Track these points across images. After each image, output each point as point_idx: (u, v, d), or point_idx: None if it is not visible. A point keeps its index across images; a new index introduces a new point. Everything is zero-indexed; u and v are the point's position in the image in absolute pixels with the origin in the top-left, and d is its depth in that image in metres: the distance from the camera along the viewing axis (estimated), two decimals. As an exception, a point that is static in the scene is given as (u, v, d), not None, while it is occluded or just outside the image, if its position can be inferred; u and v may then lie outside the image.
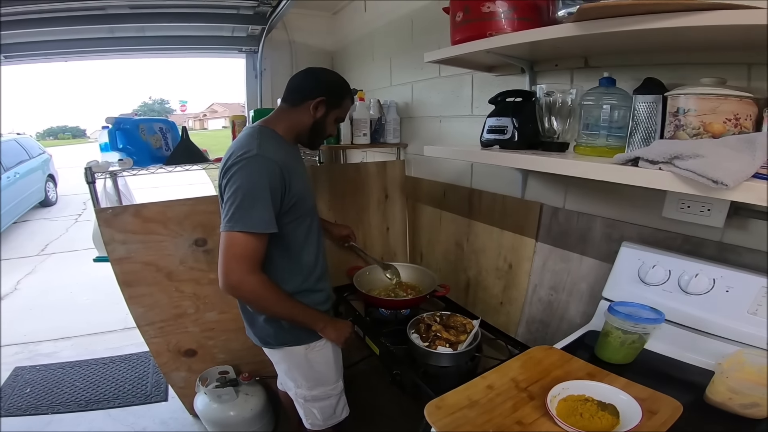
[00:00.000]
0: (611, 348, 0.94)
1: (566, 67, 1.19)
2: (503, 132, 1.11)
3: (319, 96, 1.13)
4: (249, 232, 1.00)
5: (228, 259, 1.01)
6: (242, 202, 1.00)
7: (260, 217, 1.00)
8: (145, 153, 1.57)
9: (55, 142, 29.59)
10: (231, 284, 1.02)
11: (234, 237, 1.00)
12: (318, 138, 1.22)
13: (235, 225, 0.99)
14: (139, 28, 2.04)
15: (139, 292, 1.58)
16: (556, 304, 1.35)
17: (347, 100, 1.22)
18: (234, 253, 1.00)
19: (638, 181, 0.73)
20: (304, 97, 1.14)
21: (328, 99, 1.15)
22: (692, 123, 0.78)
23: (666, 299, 0.97)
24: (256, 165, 1.02)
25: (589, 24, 0.79)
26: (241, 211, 0.99)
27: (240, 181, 1.01)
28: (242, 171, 1.01)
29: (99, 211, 1.45)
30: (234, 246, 1.00)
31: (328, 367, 1.28)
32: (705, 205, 0.94)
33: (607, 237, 1.17)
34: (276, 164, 1.03)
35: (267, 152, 1.04)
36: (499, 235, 1.52)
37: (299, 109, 1.15)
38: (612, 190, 1.13)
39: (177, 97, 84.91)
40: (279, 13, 2.01)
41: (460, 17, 1.12)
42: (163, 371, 1.76)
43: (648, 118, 0.87)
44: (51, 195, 7.07)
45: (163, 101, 42.32)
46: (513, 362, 0.94)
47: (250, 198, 1.00)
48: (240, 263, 1.01)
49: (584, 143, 0.99)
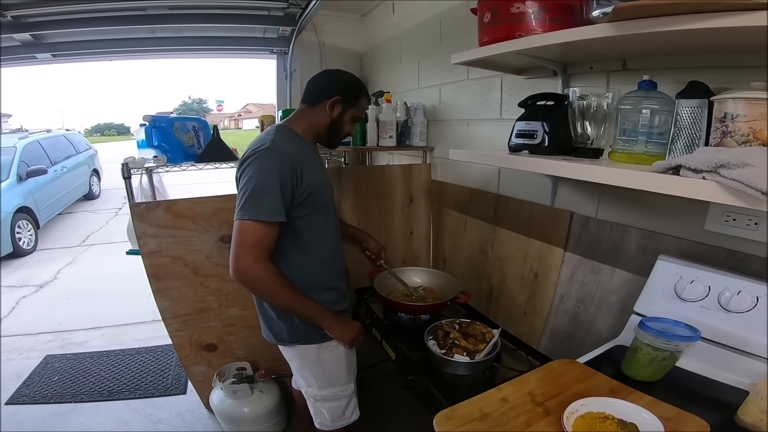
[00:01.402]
0: (639, 364, 0.89)
1: (602, 70, 1.14)
2: (533, 136, 1.07)
3: (334, 95, 1.17)
4: (257, 221, 1.03)
5: (237, 246, 1.04)
6: (252, 192, 1.04)
7: (268, 206, 1.04)
8: (178, 150, 1.63)
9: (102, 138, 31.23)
10: (238, 270, 1.05)
11: (244, 225, 1.04)
12: (336, 137, 1.25)
13: (245, 214, 1.03)
14: (177, 28, 2.13)
15: (166, 285, 1.62)
16: (583, 316, 1.30)
17: (363, 99, 1.25)
18: (243, 240, 1.04)
19: (679, 191, 0.68)
20: (320, 96, 1.18)
21: (343, 98, 1.18)
22: (741, 129, 0.72)
23: (703, 316, 0.91)
24: (267, 157, 1.06)
25: (625, 24, 0.75)
26: (251, 201, 1.03)
27: (251, 172, 1.05)
28: (254, 163, 1.06)
29: (133, 205, 1.50)
30: (244, 234, 1.04)
31: (339, 368, 1.28)
32: (752, 218, 0.87)
33: (642, 249, 1.11)
34: (287, 156, 1.07)
35: (279, 145, 1.08)
36: (525, 244, 1.47)
37: (316, 109, 1.19)
38: (649, 199, 1.07)
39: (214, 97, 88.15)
40: (308, 14, 2.04)
41: (488, 18, 1.09)
42: (184, 364, 1.80)
43: (692, 124, 0.82)
44: (95, 189, 7.44)
45: (201, 101, 43.97)
46: (531, 375, 0.90)
47: (260, 188, 1.04)
48: (248, 250, 1.04)
49: (621, 149, 0.93)
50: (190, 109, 39.53)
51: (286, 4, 2.04)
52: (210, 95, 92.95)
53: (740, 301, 0.86)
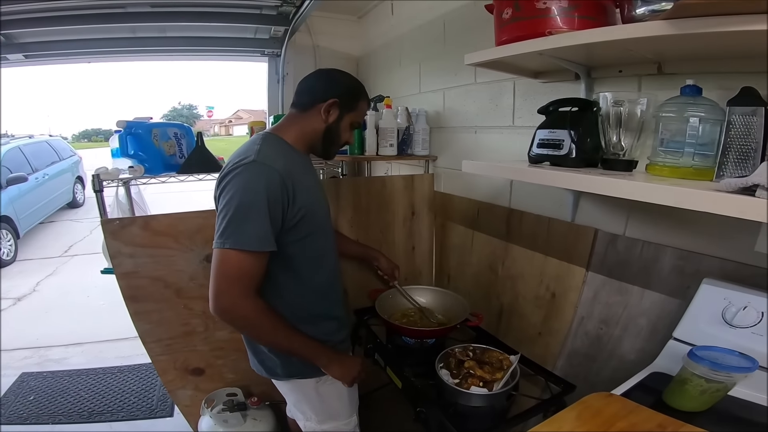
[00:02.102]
0: (688, 396, 0.80)
1: (633, 74, 1.03)
2: (559, 147, 0.95)
3: (331, 98, 1.02)
4: (242, 250, 0.88)
5: (219, 279, 0.89)
6: (235, 215, 0.88)
7: (255, 232, 0.88)
8: (158, 160, 1.48)
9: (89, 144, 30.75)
10: (221, 307, 0.91)
11: (226, 255, 0.89)
12: (332, 146, 1.09)
13: (226, 241, 0.88)
14: (161, 28, 2.00)
15: (145, 308, 1.49)
16: (606, 338, 1.20)
17: (362, 102, 1.10)
18: (225, 273, 0.89)
19: (759, 215, 0.57)
20: (314, 99, 1.03)
21: (341, 101, 1.03)
22: (808, 141, 0.62)
23: (755, 343, 0.82)
24: (252, 173, 0.90)
25: (688, 22, 0.64)
26: (233, 226, 0.88)
27: (234, 191, 0.89)
28: (236, 180, 0.90)
29: (105, 222, 1.36)
30: (226, 265, 0.89)
31: (340, 402, 1.17)
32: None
33: (678, 270, 1.01)
34: (276, 172, 0.91)
35: (266, 159, 0.92)
36: (541, 262, 1.36)
37: (310, 114, 1.04)
38: (687, 217, 0.96)
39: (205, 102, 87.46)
40: (303, 13, 1.93)
41: (508, 14, 0.98)
42: (169, 389, 1.67)
43: (745, 134, 0.73)
44: (79, 197, 7.23)
45: (191, 106, 43.39)
46: (566, 413, 0.79)
47: (244, 210, 0.88)
48: (232, 285, 0.89)
49: (661, 162, 0.83)
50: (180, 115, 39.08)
51: (279, 2, 1.92)
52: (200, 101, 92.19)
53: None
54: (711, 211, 0.63)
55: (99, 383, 2.31)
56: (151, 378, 2.33)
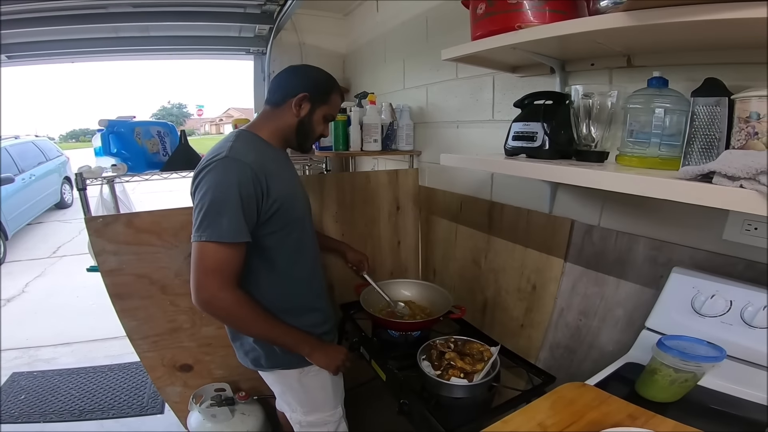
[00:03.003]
0: (658, 386, 0.82)
1: (604, 67, 1.05)
2: (532, 139, 0.97)
3: (301, 92, 1.04)
4: (218, 242, 0.90)
5: (198, 272, 0.92)
6: (209, 209, 0.91)
7: (228, 225, 0.91)
8: (141, 158, 1.48)
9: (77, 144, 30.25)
10: (202, 299, 0.93)
11: (203, 248, 0.91)
12: (306, 139, 1.12)
13: (202, 234, 0.91)
14: (143, 27, 1.98)
15: (131, 305, 1.49)
16: (586, 330, 1.22)
17: (334, 95, 1.12)
18: (205, 266, 0.91)
19: (714, 201, 0.59)
20: (285, 95, 1.06)
21: (311, 94, 1.06)
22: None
23: (724, 332, 0.83)
24: (225, 168, 0.93)
25: (644, 14, 0.66)
26: (209, 219, 0.91)
27: (207, 186, 0.92)
28: (209, 175, 0.93)
29: (89, 220, 1.36)
30: (204, 257, 0.91)
31: (325, 393, 1.19)
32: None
33: (651, 260, 1.03)
34: (248, 166, 0.94)
35: (238, 154, 0.95)
36: (522, 254, 1.38)
37: (282, 109, 1.07)
38: (659, 206, 0.99)
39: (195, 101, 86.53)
40: (287, 11, 1.92)
41: (482, 9, 0.99)
42: (157, 385, 1.67)
43: (710, 125, 0.74)
44: (67, 197, 7.12)
45: (181, 105, 42.84)
46: (540, 402, 0.81)
47: (218, 204, 0.91)
48: (211, 277, 0.91)
49: (630, 152, 0.85)
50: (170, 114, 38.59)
51: (263, 1, 1.91)
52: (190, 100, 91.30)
53: (766, 316, 0.78)
54: (670, 198, 0.65)
55: (89, 382, 2.30)
56: (142, 376, 2.32)
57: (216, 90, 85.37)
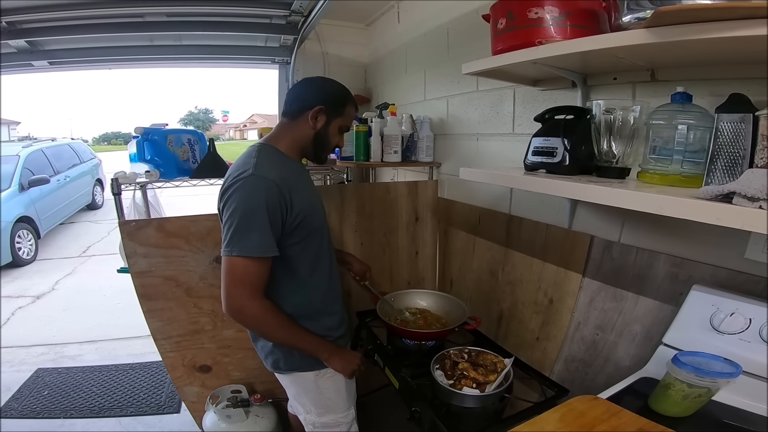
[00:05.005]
0: (671, 401, 0.80)
1: (627, 81, 1.04)
2: (552, 154, 0.97)
3: (316, 105, 1.08)
4: (247, 257, 0.96)
5: (229, 284, 0.98)
6: (239, 226, 0.96)
7: (258, 240, 0.96)
8: (172, 165, 1.55)
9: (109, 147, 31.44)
10: (232, 308, 0.99)
11: (234, 262, 0.97)
12: (323, 150, 1.16)
13: (233, 250, 0.96)
14: (176, 36, 2.08)
15: (157, 306, 1.55)
16: (602, 344, 1.20)
17: (349, 107, 1.15)
18: (234, 278, 0.97)
19: (733, 222, 0.58)
20: (302, 108, 1.10)
21: (327, 107, 1.09)
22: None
23: (742, 349, 0.82)
24: (252, 185, 0.97)
25: (666, 30, 0.66)
26: (239, 235, 0.96)
27: (236, 203, 0.97)
28: (238, 193, 0.98)
29: (122, 223, 1.43)
30: (234, 271, 0.97)
31: (338, 395, 1.22)
32: (802, 248, 0.77)
33: (671, 277, 1.01)
34: (273, 183, 0.98)
35: (263, 171, 0.99)
36: (540, 268, 1.37)
37: (299, 122, 1.11)
38: (681, 224, 0.97)
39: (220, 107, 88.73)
40: (310, 23, 1.98)
41: (502, 24, 1.01)
42: (177, 385, 1.72)
43: (734, 141, 0.72)
44: (98, 199, 7.42)
45: (207, 111, 43.97)
46: (550, 414, 0.80)
47: (247, 220, 0.96)
48: (240, 289, 0.97)
49: (652, 169, 0.84)
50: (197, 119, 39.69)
51: (288, 12, 1.98)
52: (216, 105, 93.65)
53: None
54: (689, 217, 0.64)
55: (111, 379, 2.37)
56: (161, 375, 2.38)
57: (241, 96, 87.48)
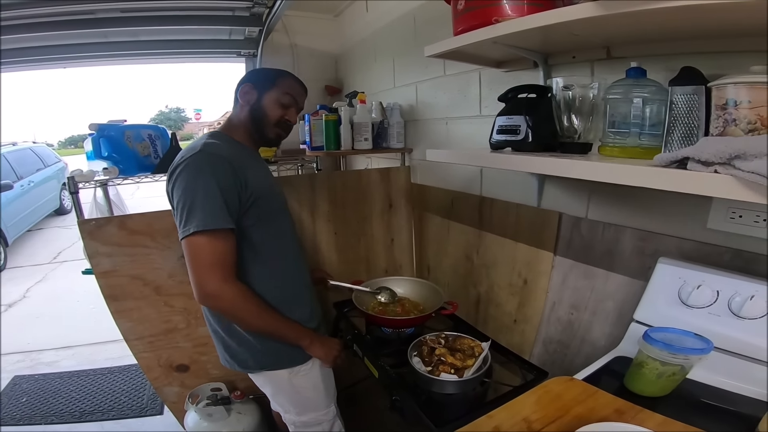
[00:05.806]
0: (645, 380, 0.80)
1: (585, 59, 1.05)
2: (516, 132, 0.97)
3: (243, 84, 1.11)
4: (206, 231, 0.90)
5: (197, 269, 0.92)
6: (192, 203, 0.91)
7: (215, 211, 0.91)
8: (132, 161, 1.50)
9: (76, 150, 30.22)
10: (206, 294, 0.93)
11: (196, 242, 0.91)
12: (264, 126, 1.12)
13: (190, 227, 0.90)
14: (132, 32, 1.98)
15: (126, 306, 1.50)
16: (577, 324, 1.22)
17: (281, 79, 1.13)
18: (202, 261, 0.92)
19: (688, 187, 0.59)
20: (235, 92, 1.13)
21: (254, 83, 1.10)
22: (747, 116, 0.64)
23: (712, 323, 0.82)
24: (201, 161, 0.94)
25: (611, 3, 0.66)
26: (192, 211, 0.91)
27: (186, 181, 0.93)
28: (186, 170, 0.94)
29: (81, 222, 1.37)
30: (199, 253, 0.91)
31: (316, 392, 1.19)
32: (760, 214, 0.79)
33: (639, 251, 1.03)
34: (224, 159, 0.95)
35: (212, 148, 0.97)
36: (512, 248, 1.38)
37: (236, 107, 1.13)
38: (644, 197, 0.99)
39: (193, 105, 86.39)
40: (275, 14, 1.92)
41: (461, 5, 1.00)
42: (155, 386, 1.69)
43: (688, 113, 0.74)
44: (66, 203, 7.13)
45: (179, 110, 42.70)
46: (526, 397, 0.80)
47: (200, 195, 0.91)
48: (211, 272, 0.92)
49: (611, 143, 0.85)
50: (168, 119, 38.49)
51: (251, 4, 1.91)
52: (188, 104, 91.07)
53: (754, 306, 0.77)
54: (645, 185, 0.65)
55: (90, 384, 2.33)
56: (141, 378, 2.33)
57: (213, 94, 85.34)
